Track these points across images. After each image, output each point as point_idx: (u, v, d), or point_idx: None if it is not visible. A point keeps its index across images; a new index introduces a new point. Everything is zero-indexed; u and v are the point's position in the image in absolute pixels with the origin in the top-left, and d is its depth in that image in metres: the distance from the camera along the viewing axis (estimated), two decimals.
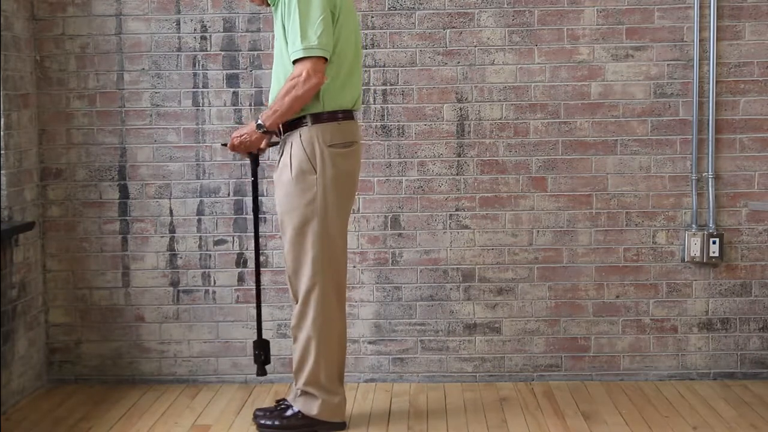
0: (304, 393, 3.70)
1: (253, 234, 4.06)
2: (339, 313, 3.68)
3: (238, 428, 3.82)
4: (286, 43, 3.51)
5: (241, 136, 3.64)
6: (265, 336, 4.39)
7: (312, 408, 3.68)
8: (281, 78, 3.58)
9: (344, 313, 3.75)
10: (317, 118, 3.54)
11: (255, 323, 4.38)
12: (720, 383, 4.33)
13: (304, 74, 3.40)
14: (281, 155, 3.63)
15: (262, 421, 3.75)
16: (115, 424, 3.88)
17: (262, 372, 3.89)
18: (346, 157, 3.59)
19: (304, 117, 3.55)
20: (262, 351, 3.88)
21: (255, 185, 3.87)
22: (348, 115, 3.61)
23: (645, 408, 4.00)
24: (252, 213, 3.90)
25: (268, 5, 3.66)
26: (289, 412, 3.73)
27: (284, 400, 3.84)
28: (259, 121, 3.56)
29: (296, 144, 3.55)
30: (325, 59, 3.45)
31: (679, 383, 4.33)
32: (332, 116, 3.55)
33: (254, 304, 4.39)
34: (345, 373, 4.34)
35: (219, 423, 3.88)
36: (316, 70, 3.41)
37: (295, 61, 3.44)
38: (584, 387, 4.30)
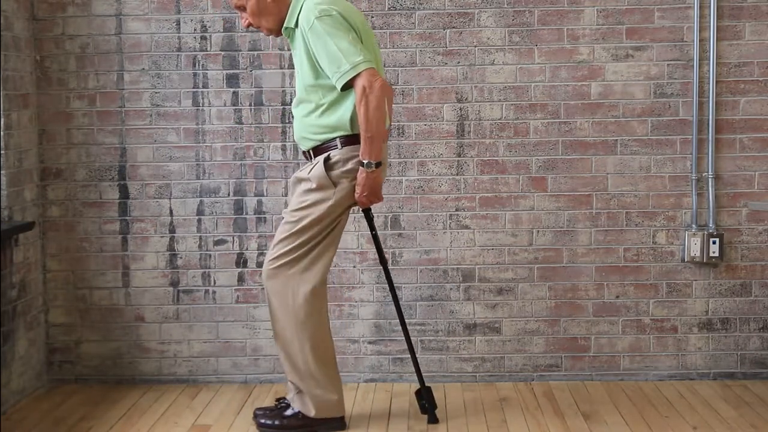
0: (301, 392, 3.70)
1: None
2: (326, 311, 3.70)
3: (238, 428, 3.82)
4: (315, 72, 3.51)
5: (363, 191, 3.54)
6: (267, 337, 4.40)
7: (310, 407, 3.68)
8: (308, 109, 3.58)
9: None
10: (347, 140, 3.54)
11: (258, 324, 4.39)
12: (720, 383, 4.33)
13: (366, 87, 3.40)
14: (308, 170, 3.60)
15: (262, 420, 3.75)
16: (115, 424, 3.88)
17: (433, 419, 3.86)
18: None
19: (333, 139, 3.55)
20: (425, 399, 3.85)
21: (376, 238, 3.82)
22: None
23: (645, 408, 4.00)
24: (381, 262, 3.83)
25: (280, 34, 3.65)
26: (288, 412, 3.73)
27: (284, 399, 3.84)
28: (363, 161, 3.49)
29: (321, 163, 3.55)
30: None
31: (679, 383, 4.33)
32: (359, 138, 3.53)
33: (254, 305, 4.39)
34: (345, 373, 4.35)
35: (219, 423, 3.88)
36: (372, 76, 3.41)
37: (347, 84, 3.43)
38: (584, 387, 4.30)
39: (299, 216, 3.58)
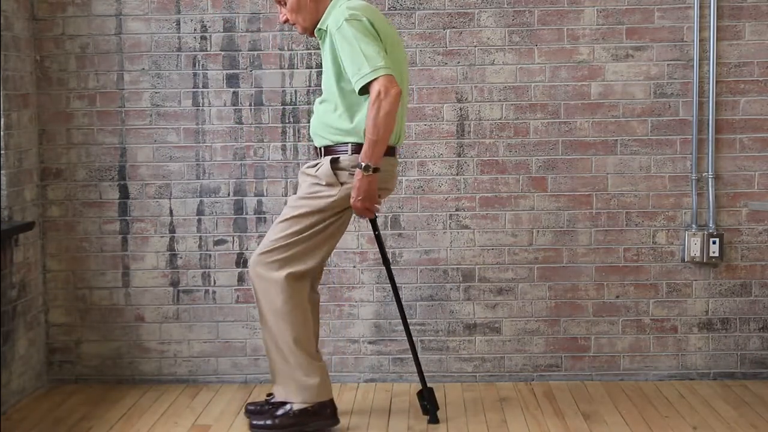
0: (277, 384, 3.68)
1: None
2: (306, 299, 3.67)
3: (238, 428, 3.82)
4: (338, 76, 3.53)
5: (358, 195, 3.52)
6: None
7: (291, 393, 3.65)
8: (328, 110, 3.59)
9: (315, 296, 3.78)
10: (358, 148, 3.54)
11: (258, 324, 4.39)
12: (720, 383, 4.33)
13: (382, 91, 3.40)
14: (315, 169, 3.61)
15: (254, 422, 3.72)
16: (115, 424, 3.88)
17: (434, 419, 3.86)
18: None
19: (345, 144, 3.56)
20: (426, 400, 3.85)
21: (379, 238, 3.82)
22: (389, 150, 3.60)
23: (645, 408, 4.00)
24: (385, 263, 3.84)
25: (312, 35, 3.68)
26: (280, 411, 3.69)
27: (273, 394, 3.83)
28: (362, 164, 3.48)
29: (327, 164, 3.55)
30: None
31: (679, 383, 4.33)
32: None
33: (254, 305, 4.38)
34: (345, 373, 4.36)
35: (219, 423, 3.87)
36: (390, 83, 3.42)
37: (365, 87, 3.44)
38: (584, 387, 4.30)
39: (300, 203, 3.59)
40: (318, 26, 3.60)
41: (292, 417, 3.68)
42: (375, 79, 3.41)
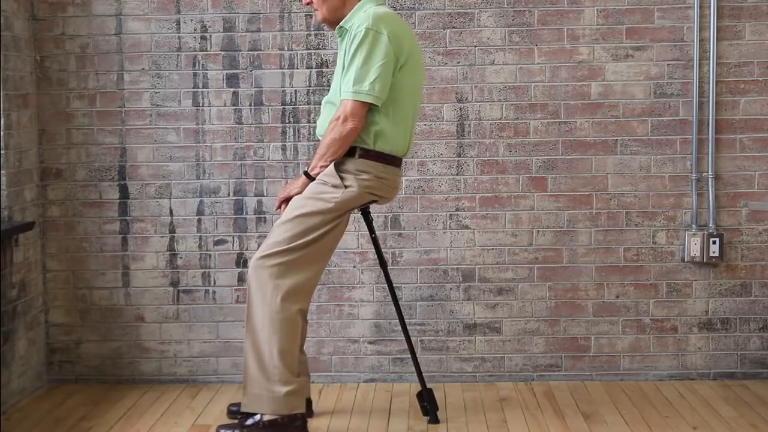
0: (247, 393, 3.59)
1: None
2: (300, 316, 3.61)
3: None
4: (344, 77, 3.55)
5: (288, 187, 3.68)
6: None
7: (262, 406, 3.57)
8: (333, 110, 3.61)
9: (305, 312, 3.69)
10: (366, 154, 3.56)
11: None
12: (720, 383, 4.33)
13: (341, 117, 3.46)
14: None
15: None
16: (115, 424, 3.88)
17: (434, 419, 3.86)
18: (372, 186, 3.60)
19: (353, 149, 3.56)
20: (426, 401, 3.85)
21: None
22: (395, 161, 3.63)
23: (645, 408, 4.00)
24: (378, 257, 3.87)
25: (331, 27, 3.70)
26: (249, 421, 3.59)
27: (237, 404, 3.77)
28: (306, 170, 3.61)
29: (332, 165, 3.54)
30: (371, 105, 3.49)
31: (679, 383, 4.33)
32: (380, 156, 3.57)
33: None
34: (345, 373, 4.36)
35: (219, 423, 3.87)
36: (354, 114, 3.46)
37: (342, 100, 3.49)
38: (584, 387, 4.30)
39: (304, 203, 3.56)
40: (341, 24, 3.60)
41: (261, 428, 3.57)
42: (350, 100, 3.46)
